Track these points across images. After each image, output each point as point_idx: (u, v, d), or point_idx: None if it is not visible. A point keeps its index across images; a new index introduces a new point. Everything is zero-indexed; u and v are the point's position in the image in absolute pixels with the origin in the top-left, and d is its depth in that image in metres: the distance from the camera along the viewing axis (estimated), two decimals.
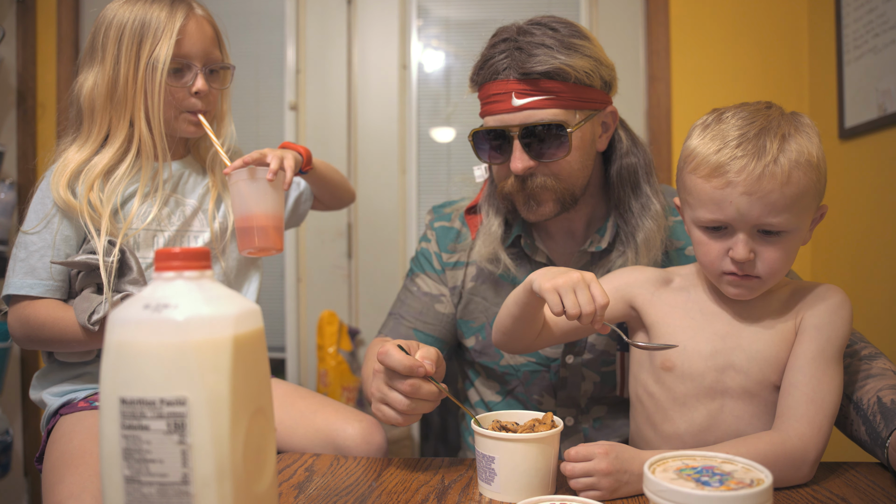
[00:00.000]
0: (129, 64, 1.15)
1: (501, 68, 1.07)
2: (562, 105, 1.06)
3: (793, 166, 0.84)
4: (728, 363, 0.93)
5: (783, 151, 0.85)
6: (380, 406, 0.90)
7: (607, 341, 1.20)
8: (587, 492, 0.82)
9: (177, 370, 0.54)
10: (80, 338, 1.10)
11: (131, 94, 1.16)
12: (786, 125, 0.87)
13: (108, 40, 1.16)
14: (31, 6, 2.55)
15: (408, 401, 0.87)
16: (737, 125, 0.88)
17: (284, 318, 2.64)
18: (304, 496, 0.86)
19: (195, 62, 1.19)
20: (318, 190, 1.41)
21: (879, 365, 0.95)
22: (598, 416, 1.23)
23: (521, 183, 1.11)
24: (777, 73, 2.43)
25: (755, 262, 0.89)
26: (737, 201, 0.86)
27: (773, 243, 0.88)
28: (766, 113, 0.89)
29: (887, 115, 1.88)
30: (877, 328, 1.88)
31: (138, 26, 1.14)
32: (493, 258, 1.19)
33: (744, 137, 0.86)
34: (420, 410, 0.88)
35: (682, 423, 0.95)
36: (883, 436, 0.86)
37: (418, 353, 0.89)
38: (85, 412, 1.13)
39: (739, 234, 0.88)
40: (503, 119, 1.08)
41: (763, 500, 0.59)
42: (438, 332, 1.26)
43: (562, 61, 1.04)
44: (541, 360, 1.21)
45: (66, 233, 1.15)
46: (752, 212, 0.85)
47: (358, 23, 2.64)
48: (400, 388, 0.87)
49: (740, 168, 0.85)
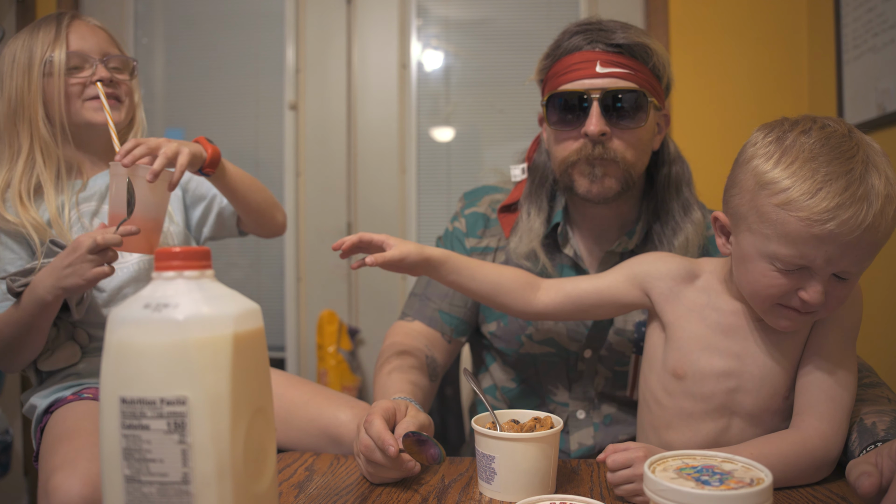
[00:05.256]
0: (22, 78, 1.21)
1: (586, 42, 1.11)
2: (641, 83, 1.10)
3: (878, 215, 0.78)
4: (739, 385, 0.91)
5: (888, 199, 0.79)
6: (357, 455, 0.93)
7: (625, 342, 1.20)
8: (635, 498, 0.81)
9: (177, 370, 0.54)
10: (20, 327, 1.09)
11: (28, 104, 1.21)
12: (872, 165, 0.79)
13: (2, 69, 1.23)
14: (31, 6, 2.55)
15: (369, 466, 0.89)
16: (830, 160, 0.79)
17: (284, 317, 2.64)
18: (305, 495, 0.86)
19: (92, 55, 1.24)
20: (229, 201, 1.30)
21: (875, 392, 0.95)
22: (609, 412, 1.23)
23: (591, 149, 1.11)
24: (777, 72, 2.43)
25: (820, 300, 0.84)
26: (831, 251, 0.79)
27: (845, 284, 0.83)
28: (852, 146, 0.81)
29: (887, 115, 1.88)
30: (876, 327, 1.88)
31: (27, 46, 1.22)
32: (531, 255, 1.20)
33: (849, 181, 0.78)
34: (383, 476, 0.89)
35: (688, 434, 0.94)
36: (856, 454, 0.86)
37: (401, 424, 0.91)
38: (74, 402, 1.14)
39: (817, 277, 0.82)
40: (585, 84, 1.10)
41: (763, 499, 0.59)
42: (464, 313, 1.25)
43: (646, 42, 1.10)
44: (560, 350, 1.21)
45: (11, 255, 1.18)
46: (842, 261, 0.80)
47: (357, 22, 2.64)
48: (362, 451, 0.88)
49: (846, 219, 0.77)
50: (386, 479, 0.89)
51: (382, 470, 0.88)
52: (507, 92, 2.61)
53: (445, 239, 1.32)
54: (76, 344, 1.20)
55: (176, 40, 2.75)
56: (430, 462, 0.86)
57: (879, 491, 0.73)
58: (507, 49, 2.60)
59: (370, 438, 0.87)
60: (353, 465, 0.98)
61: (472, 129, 2.66)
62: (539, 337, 1.21)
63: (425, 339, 1.22)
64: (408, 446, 0.87)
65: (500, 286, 1.05)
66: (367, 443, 0.87)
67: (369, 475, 0.90)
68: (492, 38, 2.62)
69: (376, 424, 0.87)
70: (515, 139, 2.59)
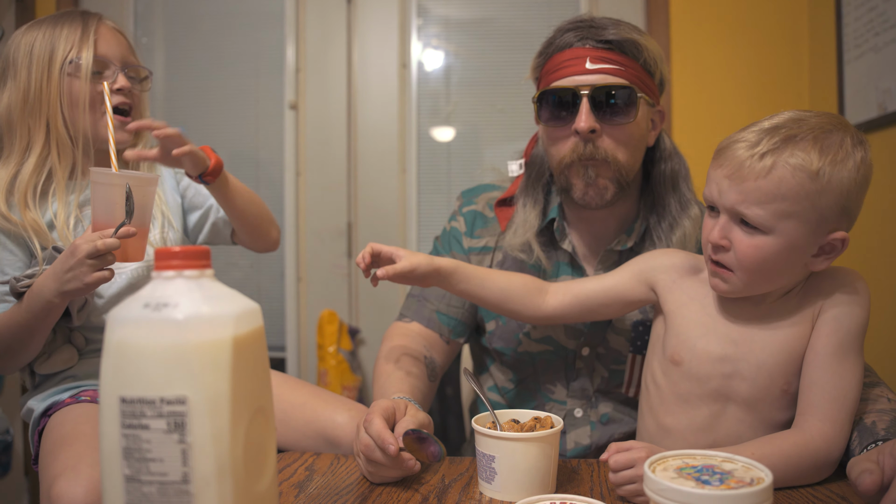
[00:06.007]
0: (40, 72, 1.18)
1: (577, 38, 1.11)
2: (631, 79, 1.10)
3: (780, 165, 0.83)
4: (735, 370, 0.92)
5: (778, 150, 0.83)
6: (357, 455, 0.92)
7: (622, 341, 1.20)
8: (637, 498, 0.81)
9: (177, 369, 0.54)
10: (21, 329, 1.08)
11: (45, 100, 1.19)
12: (812, 136, 0.84)
13: (18, 57, 1.20)
14: (31, 6, 2.55)
15: (369, 465, 0.89)
16: (779, 123, 0.86)
17: (284, 317, 2.64)
18: (305, 495, 0.86)
19: (113, 62, 1.22)
20: (226, 212, 1.28)
21: (876, 392, 0.95)
22: (606, 411, 1.23)
23: (582, 148, 1.11)
24: (777, 72, 2.43)
25: (730, 253, 0.88)
26: (720, 182, 0.87)
27: (749, 237, 0.86)
28: (819, 122, 0.86)
29: (888, 114, 1.88)
30: (877, 325, 1.88)
31: (48, 39, 1.19)
32: (525, 247, 1.20)
33: (765, 133, 0.85)
34: (383, 475, 0.89)
35: (684, 419, 0.95)
36: (856, 453, 0.86)
37: (401, 423, 0.91)
38: (72, 405, 1.14)
39: (721, 217, 0.89)
40: (575, 80, 1.10)
41: (763, 498, 0.59)
42: (461, 314, 1.26)
43: (636, 38, 1.10)
44: (558, 348, 1.22)
45: (11, 256, 1.17)
46: (729, 195, 0.86)
47: (358, 22, 2.64)
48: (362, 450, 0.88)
49: (733, 153, 0.86)
50: (386, 479, 0.89)
51: (382, 469, 0.88)
52: (507, 91, 2.61)
53: (443, 239, 1.32)
54: (73, 347, 1.20)
55: (176, 40, 2.75)
56: (431, 460, 0.86)
57: (880, 489, 0.73)
58: (508, 49, 2.60)
59: (370, 437, 0.87)
60: (353, 464, 0.98)
61: (473, 129, 2.66)
62: (537, 335, 1.21)
63: (423, 339, 1.22)
64: (408, 444, 0.87)
65: (509, 293, 1.06)
66: (366, 442, 0.87)
67: (369, 475, 0.90)
68: (492, 38, 2.62)
69: (376, 423, 0.87)
70: (515, 139, 2.59)
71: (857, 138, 0.87)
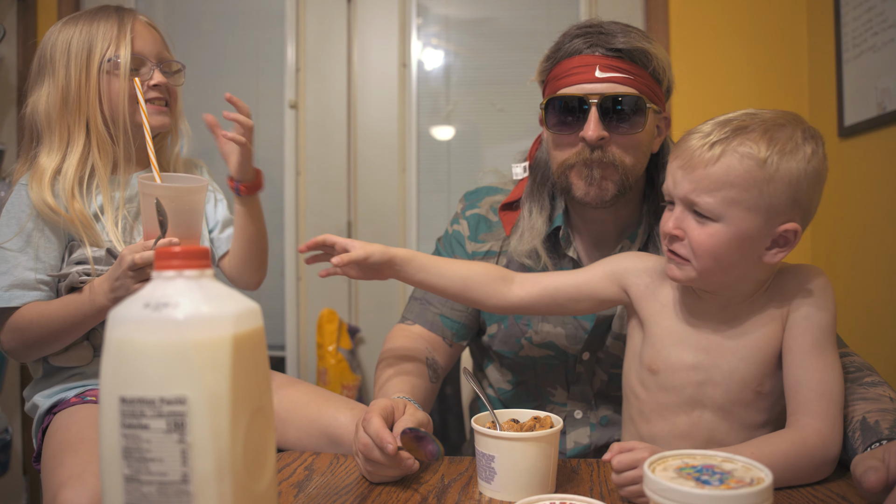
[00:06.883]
0: (79, 70, 1.18)
1: (586, 45, 1.10)
2: (640, 88, 1.10)
3: (729, 153, 0.85)
4: (708, 378, 0.92)
5: (728, 139, 0.85)
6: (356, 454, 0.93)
7: (622, 346, 1.20)
8: (639, 499, 0.81)
9: (177, 369, 0.54)
10: (68, 322, 1.10)
11: (84, 98, 1.18)
12: (763, 128, 0.86)
13: (55, 55, 1.19)
14: (32, 5, 2.55)
15: (368, 464, 0.89)
16: (732, 116, 0.89)
17: (284, 316, 2.64)
18: (304, 495, 0.86)
19: (150, 59, 1.24)
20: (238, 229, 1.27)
21: (877, 391, 0.95)
22: (606, 413, 1.24)
23: (589, 154, 1.11)
24: (777, 71, 2.43)
25: (685, 242, 0.89)
26: (674, 173, 0.89)
27: (702, 226, 0.88)
28: (772, 117, 0.88)
29: (886, 114, 1.88)
30: (875, 324, 1.88)
31: (85, 37, 1.19)
32: (532, 254, 1.20)
33: (717, 124, 0.88)
34: (382, 474, 0.89)
35: (665, 427, 0.96)
36: (859, 452, 0.86)
37: (399, 422, 0.91)
38: (78, 406, 1.14)
39: (676, 208, 0.90)
40: (584, 88, 1.10)
41: (763, 498, 0.59)
42: (465, 318, 1.25)
43: (646, 46, 1.10)
44: (559, 353, 1.22)
45: (48, 244, 1.16)
46: (682, 185, 0.87)
47: (358, 21, 2.63)
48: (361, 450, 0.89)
49: (686, 144, 0.88)
50: (385, 478, 0.89)
51: (381, 468, 0.88)
52: (507, 91, 2.61)
53: (445, 241, 1.32)
54: (91, 346, 1.20)
55: (176, 39, 2.74)
56: (429, 458, 0.86)
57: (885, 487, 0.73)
58: (508, 48, 2.60)
59: (368, 437, 0.87)
60: (352, 464, 0.98)
61: (473, 128, 2.66)
62: (539, 340, 1.21)
63: (426, 342, 1.22)
64: (406, 443, 0.87)
65: (469, 280, 1.05)
66: (365, 441, 0.87)
67: (368, 474, 0.90)
68: (492, 37, 2.62)
69: (374, 423, 0.87)
70: (516, 138, 2.59)
71: (809, 133, 0.88)
